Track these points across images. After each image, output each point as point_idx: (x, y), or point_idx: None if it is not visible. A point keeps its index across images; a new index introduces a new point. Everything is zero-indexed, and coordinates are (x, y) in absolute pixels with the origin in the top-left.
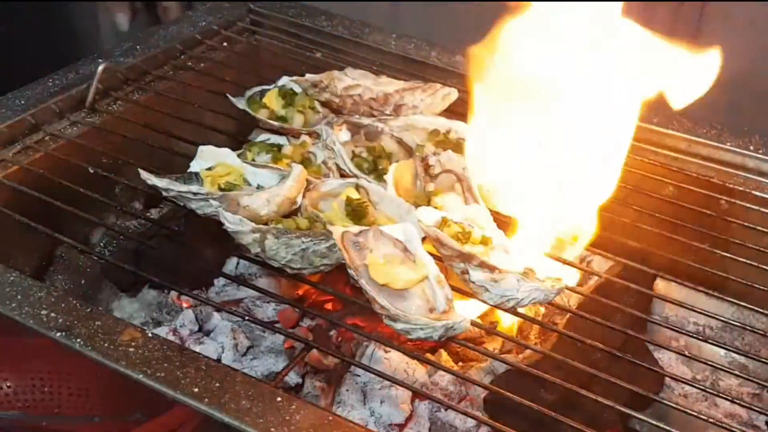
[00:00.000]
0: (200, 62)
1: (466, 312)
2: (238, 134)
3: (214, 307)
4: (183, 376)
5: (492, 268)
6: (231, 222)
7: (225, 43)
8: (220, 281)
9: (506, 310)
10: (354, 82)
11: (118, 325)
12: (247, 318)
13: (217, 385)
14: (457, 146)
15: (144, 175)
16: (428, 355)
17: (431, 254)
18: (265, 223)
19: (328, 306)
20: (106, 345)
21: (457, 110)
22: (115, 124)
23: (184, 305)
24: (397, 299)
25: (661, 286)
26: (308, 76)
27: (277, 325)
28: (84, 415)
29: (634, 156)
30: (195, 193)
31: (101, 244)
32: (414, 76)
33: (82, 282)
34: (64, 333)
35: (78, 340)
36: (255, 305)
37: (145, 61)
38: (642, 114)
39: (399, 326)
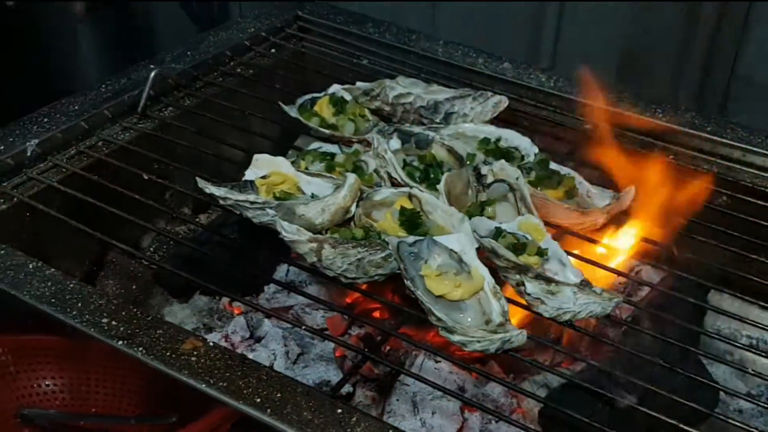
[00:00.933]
0: (249, 69)
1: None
2: (285, 140)
3: (265, 313)
4: (245, 386)
5: (548, 280)
6: (288, 231)
7: (273, 50)
8: (270, 288)
9: (561, 323)
10: (405, 90)
11: (179, 333)
12: (303, 327)
13: (279, 395)
14: (507, 155)
15: (201, 183)
16: (478, 366)
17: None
18: (320, 232)
19: (376, 314)
20: (168, 354)
21: (506, 118)
22: (165, 129)
23: (236, 312)
24: (453, 310)
25: (714, 297)
26: (359, 84)
27: (327, 333)
28: (120, 416)
29: (687, 165)
30: (252, 202)
31: (151, 249)
32: (461, 84)
33: (133, 287)
34: (126, 341)
35: (140, 348)
36: (304, 312)
37: (195, 67)
38: (695, 122)
39: (455, 338)
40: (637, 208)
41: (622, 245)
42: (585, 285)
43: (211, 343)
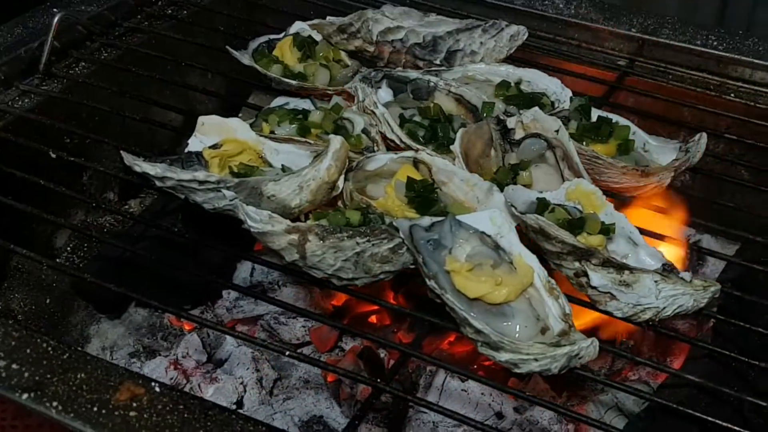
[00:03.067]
0: (182, 8)
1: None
2: (235, 97)
3: (224, 332)
4: None
5: (620, 267)
6: (257, 220)
7: None
8: (231, 293)
9: (639, 324)
10: (393, 23)
11: (110, 376)
12: (281, 348)
13: None
14: (534, 102)
15: (129, 159)
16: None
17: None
18: (297, 219)
19: (373, 320)
20: (95, 409)
21: (520, 57)
22: (78, 91)
23: (186, 327)
24: (496, 318)
25: None
26: (331, 18)
27: (312, 353)
28: None
29: (749, 102)
30: (202, 182)
31: (68, 249)
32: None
33: (47, 301)
34: (33, 393)
35: (54, 403)
36: (279, 322)
37: (112, 8)
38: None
39: (504, 357)
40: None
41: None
42: (669, 270)
43: (157, 389)
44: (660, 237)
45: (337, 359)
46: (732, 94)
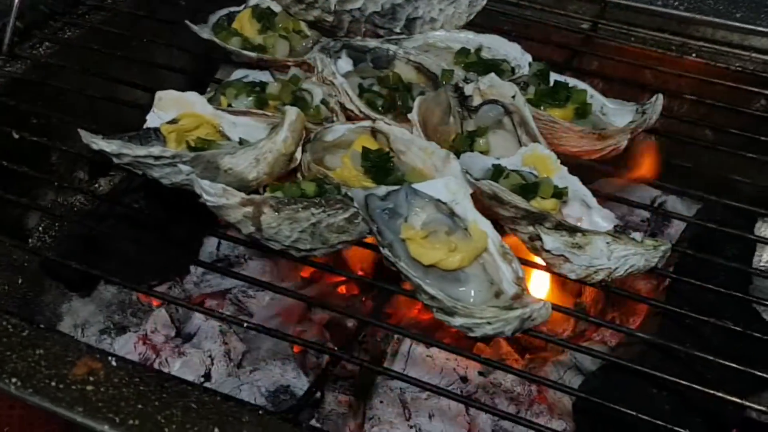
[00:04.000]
0: None
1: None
2: (202, 75)
3: (191, 308)
4: (166, 423)
5: (572, 230)
6: (211, 193)
7: None
8: (198, 267)
9: (593, 285)
10: None
11: (68, 350)
12: (240, 322)
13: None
14: (494, 68)
15: (87, 137)
16: (481, 348)
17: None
18: (256, 191)
19: (342, 290)
20: (53, 384)
21: (482, 23)
22: (42, 72)
23: (154, 304)
24: (450, 284)
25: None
26: None
27: (278, 322)
28: None
29: (711, 62)
30: (157, 157)
31: (39, 229)
32: None
33: (20, 281)
34: None
35: (14, 380)
36: (247, 296)
37: None
38: (719, 9)
39: (458, 322)
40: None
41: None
42: (621, 231)
43: (114, 363)
44: (621, 200)
45: (302, 330)
46: (693, 54)
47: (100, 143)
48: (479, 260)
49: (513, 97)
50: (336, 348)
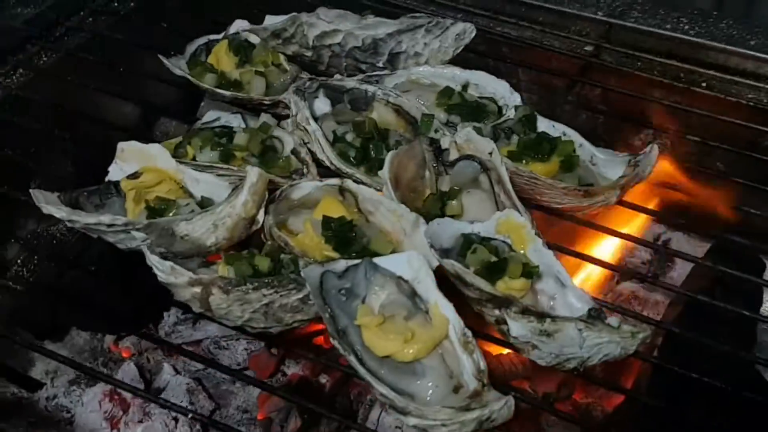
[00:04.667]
0: (128, 1)
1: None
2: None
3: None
4: None
5: (540, 315)
6: (160, 269)
7: None
8: (171, 316)
9: (566, 371)
10: (330, 27)
11: None
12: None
13: None
14: (479, 110)
15: (37, 200)
16: None
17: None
18: (212, 255)
19: (319, 340)
20: None
21: (477, 48)
22: (13, 104)
23: (124, 354)
24: (406, 376)
25: None
26: (267, 23)
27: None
28: None
29: (721, 94)
30: (110, 225)
31: (19, 261)
32: (405, 10)
33: None
34: None
35: None
36: (219, 347)
37: (53, 7)
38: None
39: (411, 422)
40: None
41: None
42: (595, 316)
43: None
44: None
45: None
46: (703, 84)
47: (48, 208)
48: (438, 349)
49: (491, 153)
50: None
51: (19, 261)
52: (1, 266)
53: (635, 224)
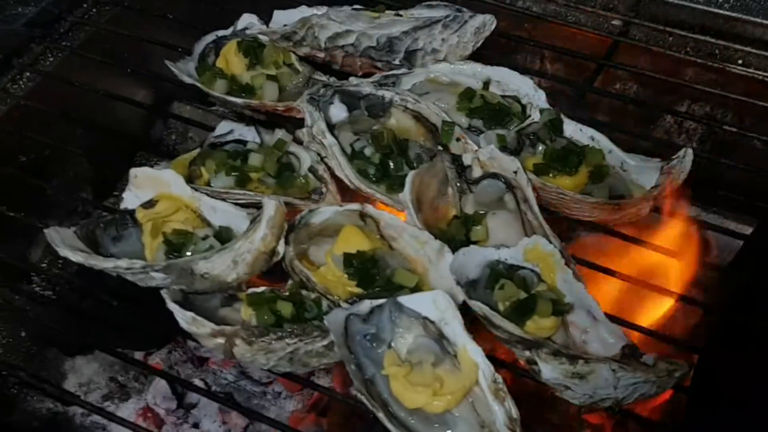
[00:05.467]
0: None
1: None
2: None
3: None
4: None
5: (572, 358)
6: (181, 318)
7: None
8: None
9: (600, 410)
10: (343, 27)
11: None
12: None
13: None
14: (501, 112)
15: (53, 241)
16: None
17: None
18: (233, 288)
19: None
20: None
21: (495, 51)
22: (23, 111)
23: (155, 367)
24: (435, 427)
25: None
26: (275, 18)
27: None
28: None
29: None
30: (128, 268)
31: (44, 264)
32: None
33: (22, 334)
34: None
35: None
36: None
37: (55, 2)
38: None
39: None
40: None
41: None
42: (628, 354)
43: None
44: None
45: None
46: (740, 61)
47: (65, 251)
48: (469, 397)
49: (515, 172)
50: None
51: (44, 264)
52: (27, 268)
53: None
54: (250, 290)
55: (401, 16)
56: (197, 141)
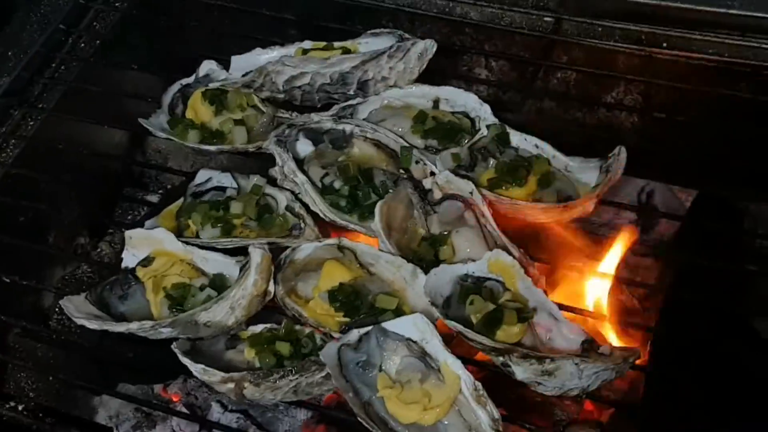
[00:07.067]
0: (93, 39)
1: None
2: None
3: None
4: None
5: (540, 359)
6: (195, 371)
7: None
8: None
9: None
10: (297, 70)
11: None
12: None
13: None
14: (452, 131)
15: (69, 309)
16: None
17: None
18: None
19: None
20: None
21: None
22: (14, 184)
23: (174, 399)
24: None
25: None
26: (234, 71)
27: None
28: None
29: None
30: (139, 328)
31: (57, 309)
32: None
33: (50, 378)
34: None
35: None
36: None
37: (26, 66)
38: None
39: None
40: None
41: None
42: (588, 348)
43: None
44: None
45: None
46: (664, 44)
47: (82, 320)
48: (455, 405)
49: (471, 192)
50: None
51: (57, 309)
52: (41, 314)
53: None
54: (250, 330)
55: (350, 52)
56: (175, 169)
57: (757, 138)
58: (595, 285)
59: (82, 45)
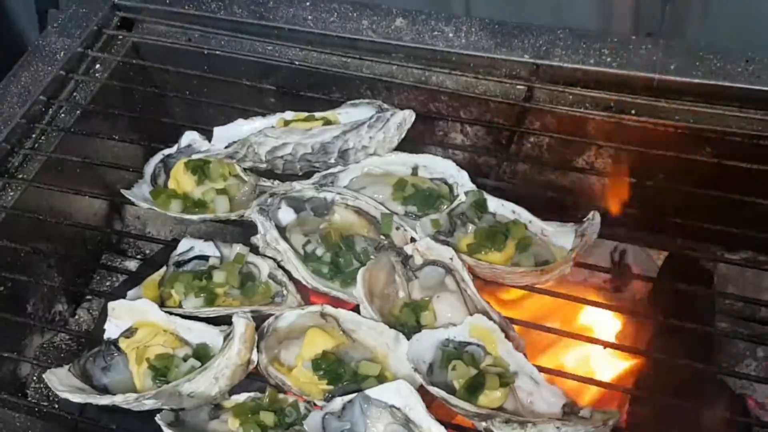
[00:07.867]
0: (75, 109)
1: None
2: None
3: None
4: None
5: (522, 423)
6: None
7: (98, 67)
8: None
9: None
10: (279, 141)
11: None
12: None
13: None
14: (431, 197)
15: (53, 382)
16: None
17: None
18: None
19: None
20: None
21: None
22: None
23: None
24: None
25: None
26: (217, 141)
27: None
28: None
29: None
30: (123, 400)
31: (35, 377)
32: (341, 61)
33: None
34: None
35: None
36: None
37: (7, 138)
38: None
39: None
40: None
41: None
42: (569, 411)
43: None
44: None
45: None
46: (633, 111)
47: (66, 394)
48: None
49: (451, 258)
50: None
51: (35, 377)
52: (19, 383)
53: None
54: (234, 399)
55: (331, 122)
56: (155, 237)
57: (722, 200)
58: (573, 345)
59: (62, 115)
